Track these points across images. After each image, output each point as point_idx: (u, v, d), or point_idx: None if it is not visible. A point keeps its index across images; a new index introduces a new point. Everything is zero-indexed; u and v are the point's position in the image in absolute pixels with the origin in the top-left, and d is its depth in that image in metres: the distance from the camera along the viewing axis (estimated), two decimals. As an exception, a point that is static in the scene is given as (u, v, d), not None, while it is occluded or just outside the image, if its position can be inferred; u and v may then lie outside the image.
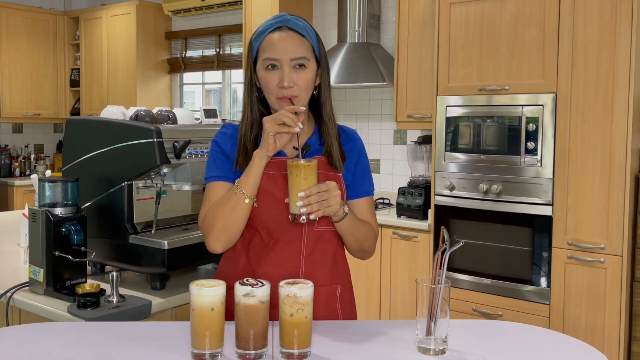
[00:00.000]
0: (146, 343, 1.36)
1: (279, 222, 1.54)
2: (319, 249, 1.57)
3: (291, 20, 1.54)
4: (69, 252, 1.84)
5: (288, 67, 1.51)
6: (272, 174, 1.55)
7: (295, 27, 1.53)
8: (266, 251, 1.56)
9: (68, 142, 2.18)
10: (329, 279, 1.58)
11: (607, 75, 2.88)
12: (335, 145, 1.59)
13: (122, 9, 5.64)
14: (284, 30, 1.53)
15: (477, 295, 3.29)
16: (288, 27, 1.53)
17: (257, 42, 1.55)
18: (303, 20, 1.57)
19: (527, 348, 1.39)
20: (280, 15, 1.56)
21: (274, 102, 1.54)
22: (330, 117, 1.60)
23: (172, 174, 2.02)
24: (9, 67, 5.75)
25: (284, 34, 1.52)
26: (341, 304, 1.62)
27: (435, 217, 3.42)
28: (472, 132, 3.28)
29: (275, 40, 1.52)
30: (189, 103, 5.95)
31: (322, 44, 1.59)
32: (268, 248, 1.56)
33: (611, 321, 2.91)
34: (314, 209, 1.43)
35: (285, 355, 1.28)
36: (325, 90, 1.60)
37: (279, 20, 1.54)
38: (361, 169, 1.67)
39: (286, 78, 1.50)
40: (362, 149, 1.69)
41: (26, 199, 5.50)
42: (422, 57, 3.80)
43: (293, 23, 1.54)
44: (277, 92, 1.52)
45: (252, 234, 1.58)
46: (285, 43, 1.51)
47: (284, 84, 1.50)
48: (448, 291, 1.30)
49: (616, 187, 2.88)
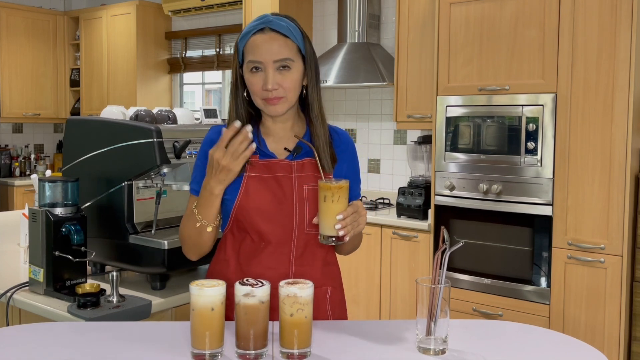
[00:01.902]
0: (146, 343, 1.36)
1: (269, 225, 1.53)
2: (309, 251, 1.57)
3: (274, 21, 1.52)
4: (69, 252, 1.84)
5: (272, 70, 1.49)
6: (262, 176, 1.54)
7: (278, 28, 1.51)
8: (257, 253, 1.56)
9: (68, 142, 2.18)
10: (320, 281, 1.58)
11: (607, 75, 2.88)
12: (324, 146, 1.57)
13: (122, 9, 5.64)
14: (266, 32, 1.51)
15: (477, 295, 3.29)
16: (271, 29, 1.51)
17: (242, 43, 1.54)
18: (287, 20, 1.54)
19: (527, 348, 1.39)
20: (263, 16, 1.54)
21: (260, 104, 1.54)
22: (319, 117, 1.58)
23: (172, 174, 2.02)
24: (9, 67, 5.75)
25: (266, 36, 1.50)
26: (331, 305, 1.63)
27: (435, 217, 3.42)
28: (472, 132, 3.28)
29: (257, 42, 1.50)
30: (189, 103, 5.95)
31: (309, 42, 1.56)
32: (259, 250, 1.55)
33: (611, 321, 2.91)
34: (348, 230, 1.43)
35: (285, 355, 1.27)
36: (313, 90, 1.57)
37: (262, 21, 1.52)
38: (353, 173, 1.66)
39: (270, 80, 1.48)
40: (354, 152, 1.68)
41: (26, 199, 5.50)
42: (422, 57, 3.80)
43: (276, 24, 1.52)
44: (262, 94, 1.51)
45: (242, 236, 1.57)
46: (268, 45, 1.50)
47: (268, 86, 1.49)
48: (448, 291, 1.30)
49: (616, 187, 2.88)
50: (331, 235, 1.43)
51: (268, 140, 1.59)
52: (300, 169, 1.57)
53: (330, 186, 1.42)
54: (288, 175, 1.56)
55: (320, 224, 1.45)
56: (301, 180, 1.56)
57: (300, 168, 1.57)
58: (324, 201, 1.43)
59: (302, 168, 1.57)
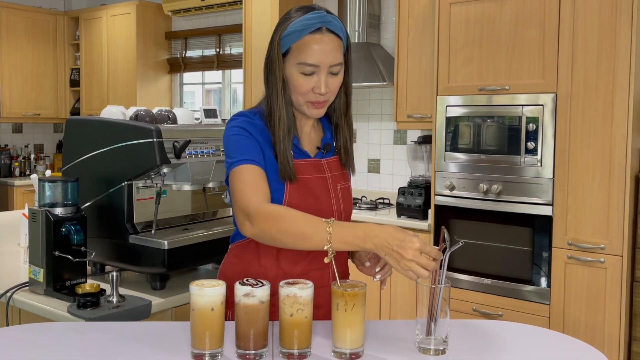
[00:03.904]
0: (146, 343, 1.35)
1: None
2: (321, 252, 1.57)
3: (332, 22, 1.43)
4: (69, 252, 1.84)
5: (325, 74, 1.44)
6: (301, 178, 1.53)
7: (334, 29, 1.44)
8: (298, 255, 1.54)
9: (68, 142, 2.18)
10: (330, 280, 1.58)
11: (607, 75, 2.88)
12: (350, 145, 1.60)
13: (122, 9, 5.64)
14: (324, 32, 1.42)
15: (477, 295, 3.29)
16: (328, 29, 1.43)
17: (292, 39, 1.44)
18: (338, 19, 1.47)
19: (527, 348, 1.39)
20: (319, 13, 1.44)
21: (302, 104, 1.49)
22: (351, 116, 1.61)
23: (172, 174, 2.02)
24: (9, 67, 5.75)
25: (325, 38, 1.42)
26: None
27: (435, 217, 3.42)
28: (472, 132, 3.28)
29: (314, 44, 1.42)
30: (189, 103, 5.95)
31: (349, 41, 1.52)
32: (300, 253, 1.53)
33: (611, 321, 2.91)
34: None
35: (285, 355, 1.27)
36: (350, 88, 1.57)
37: (319, 20, 1.42)
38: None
39: (323, 85, 1.44)
40: None
41: (26, 199, 5.50)
42: (422, 57, 3.80)
43: (334, 25, 1.43)
44: (309, 96, 1.47)
45: None
46: (326, 49, 1.42)
47: (322, 90, 1.44)
48: (448, 291, 1.30)
49: (616, 187, 2.88)
50: (344, 350, 1.26)
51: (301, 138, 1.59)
52: (330, 168, 1.59)
53: (344, 293, 1.24)
54: (322, 175, 1.57)
55: (333, 335, 1.28)
56: (335, 180, 1.59)
57: (330, 167, 1.59)
58: (336, 309, 1.26)
59: (331, 167, 1.59)
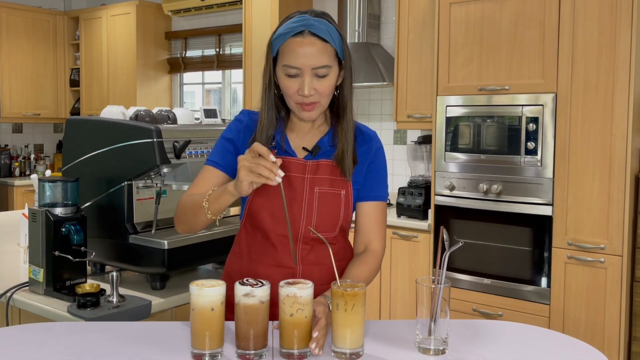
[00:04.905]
0: (146, 343, 1.35)
1: (277, 225, 1.53)
2: (314, 252, 1.57)
3: (314, 25, 1.44)
4: (69, 252, 1.84)
5: (309, 76, 1.44)
6: None
7: (318, 32, 1.43)
8: (265, 250, 1.56)
9: (68, 142, 2.18)
10: (328, 279, 1.57)
11: (607, 75, 2.88)
12: (349, 150, 1.53)
13: (122, 9, 5.64)
14: (306, 36, 1.43)
15: (477, 295, 3.29)
16: (310, 32, 1.43)
17: (278, 43, 1.47)
18: (327, 22, 1.47)
19: (527, 348, 1.39)
20: (302, 17, 1.46)
21: (293, 107, 1.51)
22: (350, 120, 1.55)
23: (172, 174, 2.02)
24: (9, 67, 5.75)
25: (305, 41, 1.43)
26: None
27: (435, 217, 3.42)
28: (472, 132, 3.28)
29: (296, 47, 1.43)
30: (189, 103, 5.95)
31: (346, 45, 1.51)
32: (267, 248, 1.56)
33: (611, 321, 2.91)
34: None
35: (285, 355, 1.27)
36: (347, 92, 1.54)
37: (302, 24, 1.44)
38: (375, 171, 1.61)
39: (306, 87, 1.44)
40: (379, 152, 1.63)
41: (26, 199, 5.50)
42: (422, 57, 3.80)
43: (316, 28, 1.43)
44: (296, 98, 1.47)
45: (254, 232, 1.58)
46: (307, 51, 1.42)
47: (304, 92, 1.44)
48: (448, 291, 1.30)
49: (616, 187, 2.88)
50: (343, 350, 1.27)
51: (291, 136, 1.57)
52: (314, 170, 1.54)
53: (344, 293, 1.26)
54: (301, 175, 1.54)
55: (333, 335, 1.29)
56: (313, 182, 1.54)
57: (315, 169, 1.54)
58: (336, 309, 1.27)
59: (317, 169, 1.55)
